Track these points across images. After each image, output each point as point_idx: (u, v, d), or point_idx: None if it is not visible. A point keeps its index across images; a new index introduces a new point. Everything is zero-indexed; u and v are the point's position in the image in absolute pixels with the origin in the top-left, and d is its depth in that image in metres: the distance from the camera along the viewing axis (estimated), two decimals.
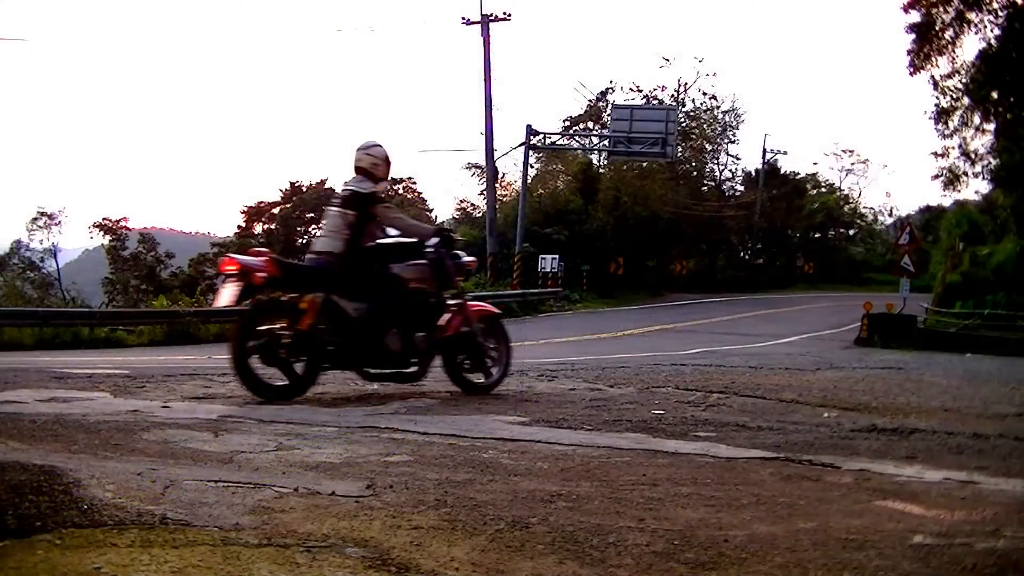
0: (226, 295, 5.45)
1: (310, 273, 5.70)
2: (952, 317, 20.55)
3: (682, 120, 39.96)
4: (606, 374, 8.04)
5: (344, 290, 5.63)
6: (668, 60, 46.74)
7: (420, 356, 5.91)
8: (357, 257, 5.72)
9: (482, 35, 28.95)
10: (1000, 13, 21.24)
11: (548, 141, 32.33)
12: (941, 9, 21.83)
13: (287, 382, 5.51)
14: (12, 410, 4.54)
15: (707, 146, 46.59)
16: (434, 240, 6.02)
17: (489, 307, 6.71)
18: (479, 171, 38.98)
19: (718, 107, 45.18)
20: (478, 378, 6.22)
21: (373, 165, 5.97)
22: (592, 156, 39.14)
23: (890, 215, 54.30)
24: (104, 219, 46.59)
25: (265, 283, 5.43)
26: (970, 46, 56.40)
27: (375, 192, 5.88)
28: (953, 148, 23.20)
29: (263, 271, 5.41)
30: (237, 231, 53.02)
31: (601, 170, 39.24)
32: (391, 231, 6.01)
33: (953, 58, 22.22)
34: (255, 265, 5.43)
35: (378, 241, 5.88)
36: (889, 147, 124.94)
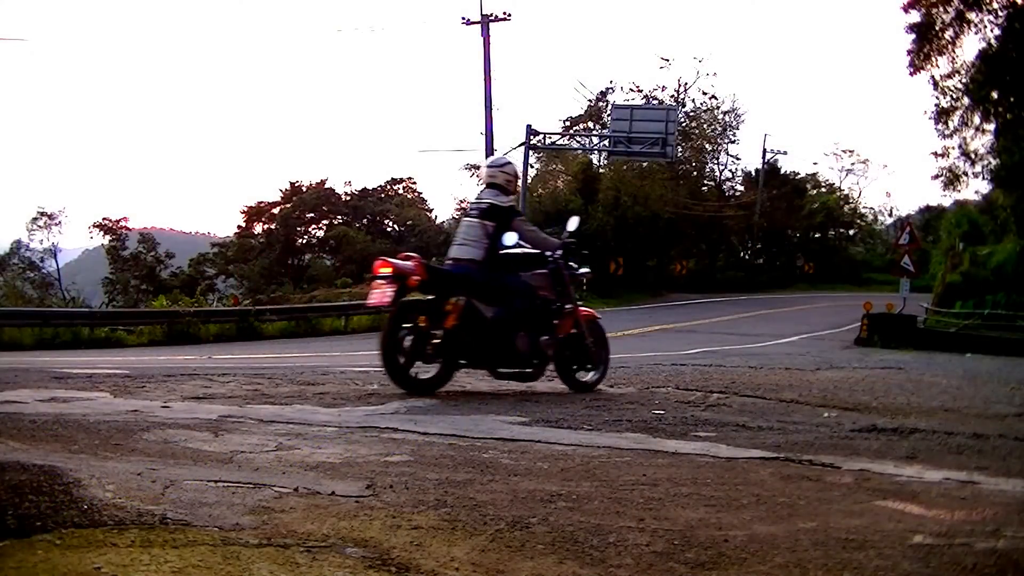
0: (381, 295, 5.83)
1: (453, 278, 6.13)
2: (952, 317, 20.56)
3: (682, 120, 39.96)
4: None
5: (482, 295, 6.08)
6: (668, 60, 46.86)
7: (541, 357, 6.35)
8: (494, 265, 6.18)
9: (482, 35, 28.97)
10: (1000, 13, 21.26)
11: (548, 141, 32.31)
12: (941, 9, 21.84)
13: (428, 376, 5.96)
14: (12, 410, 4.54)
15: (707, 146, 46.60)
16: (557, 252, 6.46)
17: (592, 311, 7.04)
18: (478, 171, 38.97)
19: (718, 107, 45.24)
20: (583, 376, 6.62)
21: (507, 181, 6.48)
22: (592, 156, 39.16)
23: (890, 215, 54.39)
24: (104, 219, 46.63)
25: (418, 285, 5.87)
26: (970, 46, 56.39)
27: (513, 206, 6.43)
28: (953, 148, 23.23)
29: (416, 274, 5.85)
30: (237, 231, 53.04)
31: (601, 170, 39.25)
32: (506, 239, 6.33)
33: (953, 58, 22.25)
34: (408, 268, 5.85)
35: (508, 251, 6.29)
36: (889, 147, 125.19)
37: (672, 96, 43.63)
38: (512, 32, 77.35)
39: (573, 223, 6.71)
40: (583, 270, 6.79)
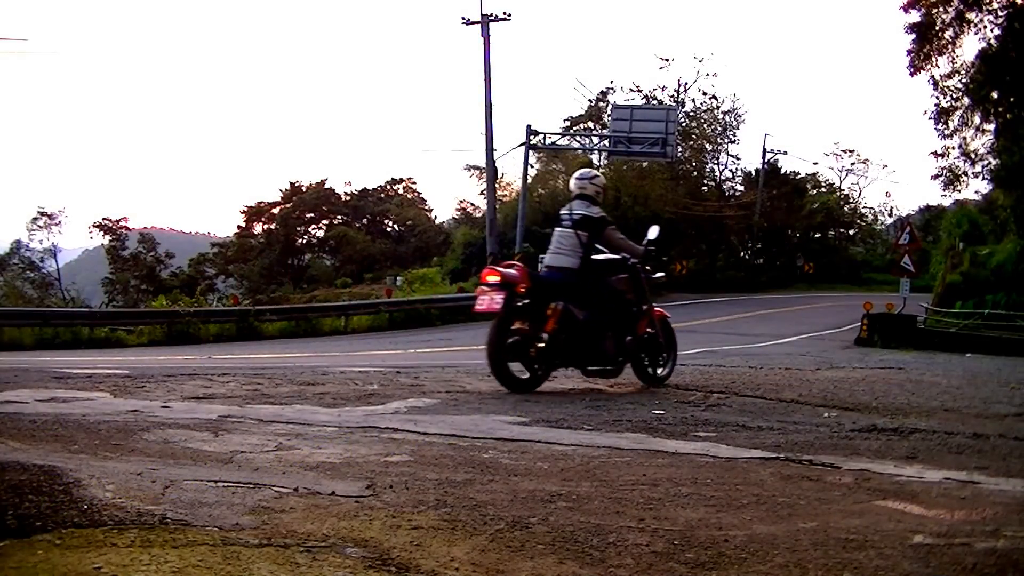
0: (490, 302, 6.31)
1: (552, 284, 6.53)
2: (952, 317, 20.56)
3: (682, 120, 40.00)
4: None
5: (576, 299, 6.49)
6: (668, 61, 46.84)
7: (625, 355, 6.80)
8: (587, 271, 6.60)
9: (482, 35, 28.98)
10: (1000, 13, 21.25)
11: (548, 141, 32.35)
12: (941, 9, 21.84)
13: (528, 376, 6.36)
14: (12, 410, 4.54)
15: (707, 146, 46.61)
16: (638, 258, 6.90)
17: (663, 311, 7.40)
18: (478, 172, 39.00)
19: (718, 107, 45.23)
20: (655, 371, 7.06)
21: (596, 192, 6.91)
22: (592, 156, 39.16)
23: (890, 215, 54.39)
24: (104, 219, 46.72)
25: (525, 292, 6.34)
26: (970, 46, 56.51)
27: (604, 216, 6.81)
28: (953, 148, 23.22)
29: (523, 282, 6.33)
30: (237, 231, 53.06)
31: (601, 170, 39.22)
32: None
33: (953, 58, 22.24)
34: (515, 277, 6.34)
35: (595, 257, 6.70)
36: (889, 147, 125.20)
37: (672, 96, 43.68)
38: (512, 32, 77.44)
39: (654, 231, 7.13)
40: (658, 274, 7.30)
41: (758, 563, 2.38)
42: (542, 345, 6.29)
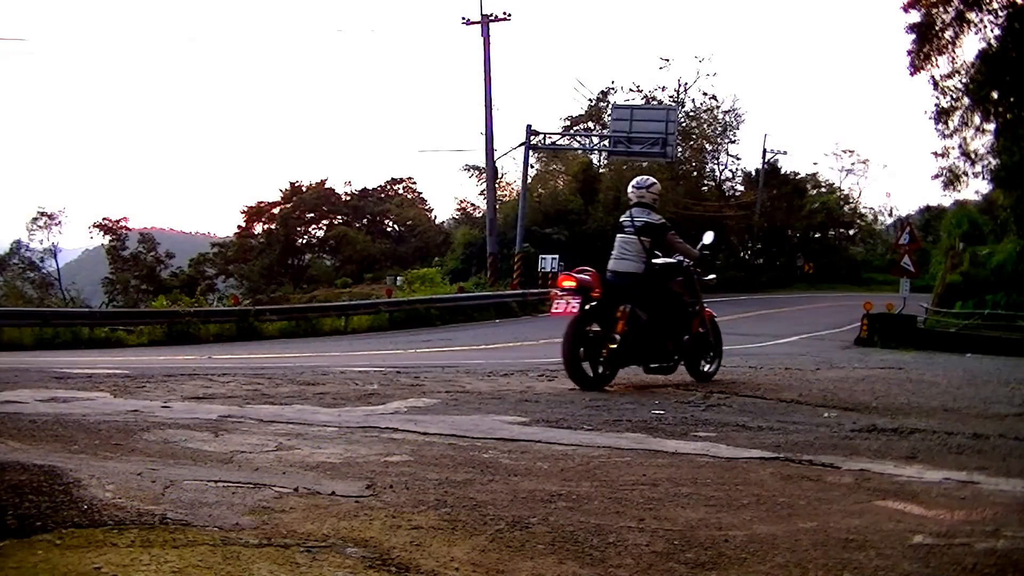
0: (567, 306, 6.76)
1: (621, 288, 6.89)
2: (952, 317, 20.54)
3: (682, 120, 39.98)
4: None
5: (640, 302, 6.88)
6: (668, 60, 46.87)
7: (681, 353, 7.22)
8: (650, 275, 6.98)
9: (482, 35, 28.99)
10: (1000, 13, 21.23)
11: (548, 141, 32.35)
12: (941, 9, 21.81)
13: (598, 374, 6.73)
14: (12, 410, 4.54)
15: (707, 146, 46.60)
16: (693, 261, 7.32)
17: (711, 310, 7.74)
18: (477, 172, 38.99)
19: (718, 107, 45.23)
20: (705, 367, 7.47)
21: (654, 200, 7.22)
22: (592, 156, 39.15)
23: (890, 215, 54.38)
24: (104, 219, 46.68)
25: (600, 296, 6.76)
26: (970, 46, 56.43)
27: (665, 223, 7.17)
28: (953, 148, 23.16)
29: (597, 287, 6.77)
30: (237, 231, 53.04)
31: (601, 170, 39.24)
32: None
33: (953, 58, 22.19)
34: (590, 283, 6.78)
35: (655, 261, 7.08)
36: (889, 147, 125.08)
37: (672, 96, 43.68)
38: (512, 32, 77.48)
39: (709, 237, 7.60)
40: (709, 276, 7.79)
41: (758, 563, 2.38)
42: (614, 346, 6.70)
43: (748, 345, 16.27)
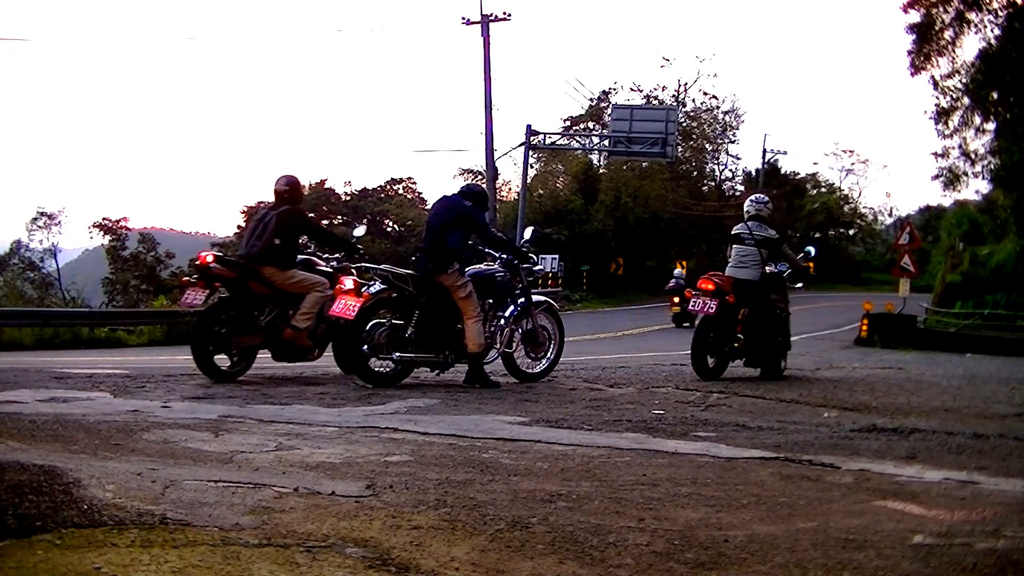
0: (704, 306, 7.69)
1: (746, 294, 7.82)
2: (952, 317, 20.53)
3: (682, 120, 39.93)
4: (606, 374, 8.04)
5: (753, 306, 7.87)
6: (668, 60, 46.83)
7: (774, 353, 8.11)
8: (763, 283, 7.96)
9: (482, 35, 28.95)
10: (1000, 13, 21.23)
11: (548, 141, 32.29)
12: (941, 9, 21.81)
13: (713, 366, 7.75)
14: (12, 410, 4.54)
15: (707, 146, 46.58)
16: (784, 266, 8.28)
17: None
18: (473, 175, 38.95)
19: (718, 107, 45.23)
20: (782, 365, 8.31)
21: (769, 215, 8.26)
22: (592, 156, 39.13)
23: (890, 215, 54.38)
24: (104, 219, 46.48)
25: (735, 300, 7.74)
26: (970, 46, 56.32)
27: (779, 236, 8.19)
28: (953, 148, 23.16)
29: (730, 291, 7.73)
30: (237, 231, 52.98)
31: (601, 170, 39.22)
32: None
33: (953, 58, 22.20)
34: (727, 288, 7.73)
35: (767, 270, 8.02)
36: (889, 147, 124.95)
37: (672, 96, 43.68)
38: (512, 32, 77.48)
39: (812, 250, 9.36)
40: (798, 284, 8.62)
41: (758, 563, 2.38)
42: (736, 344, 7.80)
43: None
